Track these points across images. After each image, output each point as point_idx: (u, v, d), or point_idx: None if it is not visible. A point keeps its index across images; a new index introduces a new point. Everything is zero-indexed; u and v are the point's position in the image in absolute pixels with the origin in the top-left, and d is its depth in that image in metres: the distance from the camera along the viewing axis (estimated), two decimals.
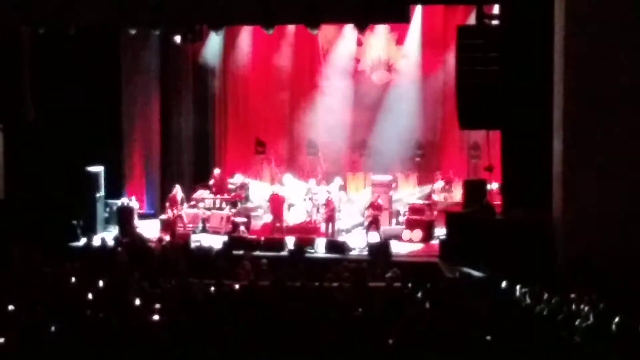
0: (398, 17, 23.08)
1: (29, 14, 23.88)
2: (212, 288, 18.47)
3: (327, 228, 25.48)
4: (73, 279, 19.43)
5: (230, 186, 27.60)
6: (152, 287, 18.55)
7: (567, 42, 20.53)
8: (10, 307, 16.46)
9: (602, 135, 20.15)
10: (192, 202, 27.16)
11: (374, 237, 24.79)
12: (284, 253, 23.91)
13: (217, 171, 28.01)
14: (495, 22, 23.07)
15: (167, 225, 26.00)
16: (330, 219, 25.53)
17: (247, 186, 27.77)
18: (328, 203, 25.63)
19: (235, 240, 24.41)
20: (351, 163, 28.64)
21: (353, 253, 24.18)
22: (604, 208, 20.02)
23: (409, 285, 18.51)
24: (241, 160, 29.29)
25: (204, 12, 23.25)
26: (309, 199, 26.43)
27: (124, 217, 26.36)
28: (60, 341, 13.38)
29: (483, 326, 14.02)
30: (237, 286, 19.01)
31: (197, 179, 28.76)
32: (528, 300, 16.20)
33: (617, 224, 19.86)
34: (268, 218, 26.63)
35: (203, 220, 26.75)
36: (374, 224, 25.11)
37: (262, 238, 24.81)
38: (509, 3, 22.62)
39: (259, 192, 28.00)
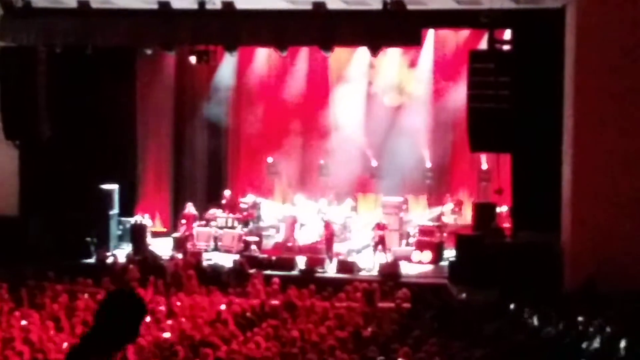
0: (410, 40, 23.24)
1: (46, 34, 24.19)
2: (223, 306, 18.65)
3: (327, 251, 25.41)
4: (85, 295, 19.67)
5: (242, 205, 27.73)
6: (163, 304, 18.77)
7: (577, 67, 20.73)
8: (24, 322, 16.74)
9: (612, 159, 20.31)
10: (205, 221, 27.35)
11: (381, 258, 24.92)
12: (295, 272, 24.08)
13: (227, 192, 28.18)
14: (506, 47, 23.27)
15: (180, 243, 26.19)
16: (329, 242, 25.57)
17: (259, 205, 27.87)
18: (326, 226, 25.82)
19: (246, 259, 24.59)
20: (362, 184, 28.72)
21: (363, 273, 24.31)
22: (612, 232, 20.17)
23: (418, 306, 18.68)
24: (253, 180, 29.44)
25: (219, 34, 23.51)
26: (320, 219, 26.53)
27: (137, 235, 26.51)
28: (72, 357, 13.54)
29: (490, 348, 14.17)
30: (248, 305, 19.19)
31: (210, 197, 28.85)
32: (536, 323, 16.34)
33: (625, 248, 20.01)
34: (279, 237, 26.77)
35: (215, 238, 26.84)
36: (380, 244, 25.21)
37: (274, 257, 24.96)
38: (521, 28, 22.86)
39: (270, 211, 28.13)
